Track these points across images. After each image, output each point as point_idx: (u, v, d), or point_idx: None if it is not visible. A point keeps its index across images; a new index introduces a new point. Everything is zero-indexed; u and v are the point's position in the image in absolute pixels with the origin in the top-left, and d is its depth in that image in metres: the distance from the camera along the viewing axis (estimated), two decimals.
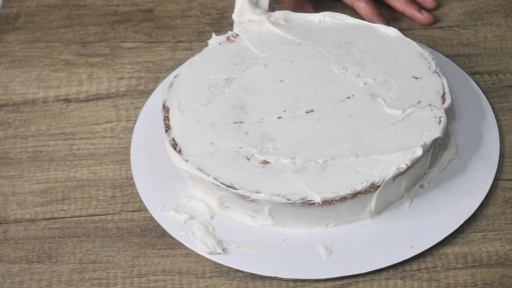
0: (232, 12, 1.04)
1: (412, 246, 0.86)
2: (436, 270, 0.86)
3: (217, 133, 0.90)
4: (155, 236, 0.90)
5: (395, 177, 0.85)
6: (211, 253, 0.86)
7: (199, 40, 1.08)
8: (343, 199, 0.84)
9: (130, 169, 0.95)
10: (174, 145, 0.89)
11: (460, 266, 0.86)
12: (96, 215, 0.92)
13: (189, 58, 1.03)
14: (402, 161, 0.86)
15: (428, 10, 1.09)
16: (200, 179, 0.87)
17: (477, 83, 1.00)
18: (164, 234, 0.89)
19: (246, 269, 0.85)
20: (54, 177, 0.95)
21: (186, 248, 0.88)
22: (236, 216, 0.89)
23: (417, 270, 0.86)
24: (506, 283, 0.84)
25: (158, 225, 0.90)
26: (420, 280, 0.85)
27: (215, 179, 0.86)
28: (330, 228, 0.87)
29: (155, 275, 0.87)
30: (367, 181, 0.85)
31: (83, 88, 1.04)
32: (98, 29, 1.11)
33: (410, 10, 1.07)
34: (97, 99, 1.03)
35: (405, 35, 1.00)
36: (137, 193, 0.92)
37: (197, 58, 0.98)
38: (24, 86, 1.05)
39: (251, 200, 0.85)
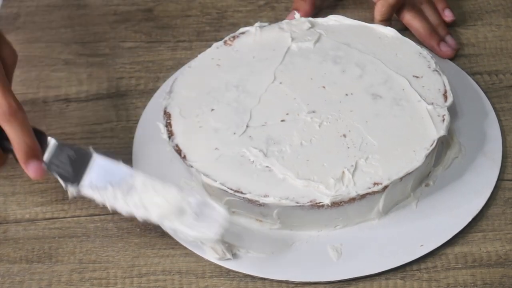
0: (232, 11, 1.04)
1: (421, 245, 0.86)
2: (436, 270, 0.86)
3: (221, 138, 0.90)
4: (155, 236, 0.90)
5: (402, 177, 0.86)
6: (221, 259, 0.86)
7: (199, 40, 1.08)
8: (352, 200, 0.84)
9: None
10: (178, 151, 0.89)
11: (460, 266, 0.86)
12: (96, 215, 0.92)
13: (189, 58, 1.03)
14: (409, 160, 0.86)
15: (449, 45, 1.06)
16: (206, 185, 0.87)
17: (477, 83, 1.00)
18: (164, 234, 0.89)
19: (257, 273, 0.85)
20: (54, 177, 0.95)
21: (186, 248, 0.88)
22: (243, 220, 0.89)
23: (417, 270, 0.86)
24: (506, 283, 0.84)
25: (158, 225, 0.89)
26: (420, 280, 0.85)
27: (222, 184, 0.86)
28: (338, 230, 0.87)
29: (155, 275, 0.87)
30: (375, 181, 0.85)
31: (83, 88, 1.04)
32: (98, 29, 1.11)
33: (430, 42, 1.04)
34: (97, 99, 1.03)
35: (404, 35, 1.00)
36: None
37: (194, 62, 0.98)
38: (24, 86, 1.05)
39: (259, 204, 0.85)
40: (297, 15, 1.03)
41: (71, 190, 0.84)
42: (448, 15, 1.07)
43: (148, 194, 0.82)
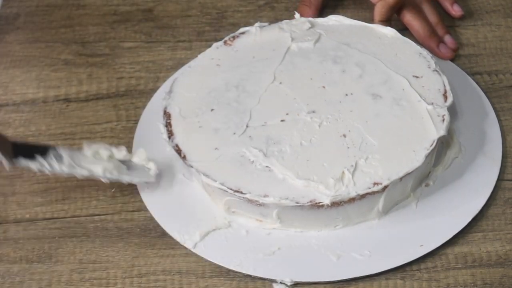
0: (232, 11, 1.04)
1: (421, 245, 0.86)
2: (436, 270, 0.86)
3: (221, 138, 0.90)
4: (155, 236, 0.90)
5: (402, 177, 0.85)
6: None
7: (199, 40, 1.08)
8: (352, 200, 0.84)
9: None
10: (178, 151, 0.89)
11: (460, 266, 0.86)
12: (96, 215, 0.92)
13: (189, 58, 1.03)
14: (409, 160, 0.86)
15: (449, 46, 1.04)
16: (206, 185, 0.87)
17: (477, 83, 1.00)
18: (164, 234, 0.89)
19: (257, 273, 0.85)
20: (54, 177, 0.95)
21: (186, 248, 0.88)
22: (243, 220, 0.89)
23: (417, 270, 0.86)
24: (506, 283, 0.84)
25: (158, 225, 0.90)
26: (420, 280, 0.85)
27: (222, 184, 0.86)
28: (338, 230, 0.87)
29: (155, 275, 0.87)
30: (375, 181, 0.85)
31: (83, 88, 1.04)
32: (98, 29, 1.11)
33: (429, 44, 1.03)
34: (97, 99, 1.03)
35: (404, 35, 1.00)
36: (137, 193, 0.92)
37: (194, 62, 0.98)
38: (24, 86, 1.05)
39: (259, 204, 0.85)
40: (297, 14, 1.03)
41: (5, 163, 0.86)
42: (456, 10, 1.07)
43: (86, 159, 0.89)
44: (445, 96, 0.92)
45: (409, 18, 1.04)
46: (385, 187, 0.85)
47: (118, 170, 0.89)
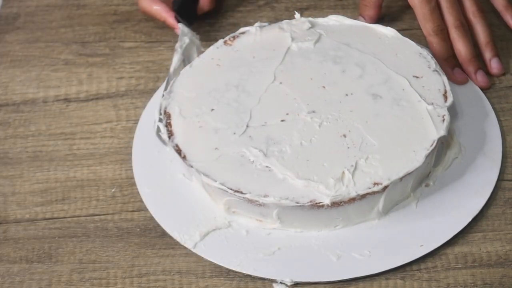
0: (232, 11, 1.03)
1: (421, 245, 0.86)
2: (436, 270, 0.86)
3: (221, 138, 0.90)
4: (155, 236, 0.90)
5: (402, 177, 0.85)
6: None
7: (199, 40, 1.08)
8: (352, 200, 0.84)
9: (130, 169, 0.95)
10: (178, 151, 0.89)
11: (460, 266, 0.86)
12: (96, 215, 0.92)
13: None
14: (409, 160, 0.86)
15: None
16: (206, 185, 0.87)
17: None
18: (164, 234, 0.89)
19: (257, 273, 0.85)
20: (54, 177, 0.95)
21: (186, 248, 0.88)
22: (243, 220, 0.89)
23: (417, 270, 0.86)
24: (506, 283, 0.84)
25: (158, 225, 0.90)
26: (420, 280, 0.85)
27: (222, 184, 0.86)
28: (338, 230, 0.87)
29: (155, 275, 0.87)
30: (375, 181, 0.85)
31: (83, 88, 1.04)
32: (98, 29, 1.11)
33: (467, 69, 0.99)
34: (97, 98, 1.03)
35: (404, 35, 1.00)
36: (137, 193, 0.92)
37: (194, 62, 0.98)
38: (24, 86, 1.05)
39: (259, 204, 0.85)
40: (297, 14, 1.03)
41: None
42: (494, 67, 1.01)
43: None
44: (445, 96, 0.92)
45: (454, 37, 1.00)
46: (385, 187, 0.85)
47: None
